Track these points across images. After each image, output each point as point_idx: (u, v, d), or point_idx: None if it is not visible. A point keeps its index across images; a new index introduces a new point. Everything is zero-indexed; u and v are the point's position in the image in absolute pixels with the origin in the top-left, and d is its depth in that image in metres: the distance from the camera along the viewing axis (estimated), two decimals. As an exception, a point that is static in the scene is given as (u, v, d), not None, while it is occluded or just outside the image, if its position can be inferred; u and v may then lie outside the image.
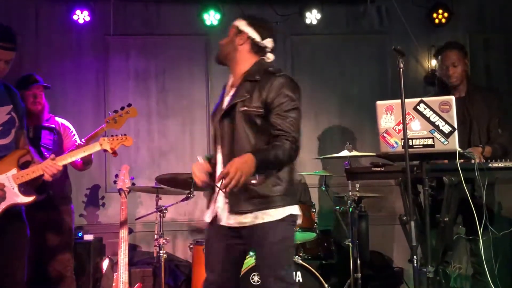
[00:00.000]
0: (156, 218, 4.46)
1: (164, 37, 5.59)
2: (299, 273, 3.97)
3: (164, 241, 4.36)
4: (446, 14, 5.62)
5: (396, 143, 3.19)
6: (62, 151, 4.04)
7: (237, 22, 2.88)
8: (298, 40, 5.75)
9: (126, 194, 4.37)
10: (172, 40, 5.60)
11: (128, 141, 3.49)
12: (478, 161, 3.23)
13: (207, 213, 2.82)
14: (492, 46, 5.88)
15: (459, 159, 3.13)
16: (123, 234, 4.21)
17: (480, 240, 3.25)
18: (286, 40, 5.64)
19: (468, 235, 3.74)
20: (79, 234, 4.72)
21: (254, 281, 3.91)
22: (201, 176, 2.75)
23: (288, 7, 5.55)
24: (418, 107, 3.15)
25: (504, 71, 5.85)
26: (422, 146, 3.14)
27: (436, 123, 3.10)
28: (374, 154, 3.79)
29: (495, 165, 3.24)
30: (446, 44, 4.14)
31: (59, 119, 4.32)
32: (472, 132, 3.86)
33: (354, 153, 4.53)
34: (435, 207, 3.42)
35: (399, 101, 2.98)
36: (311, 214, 4.37)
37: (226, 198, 2.66)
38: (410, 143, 3.11)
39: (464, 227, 3.86)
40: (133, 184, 4.49)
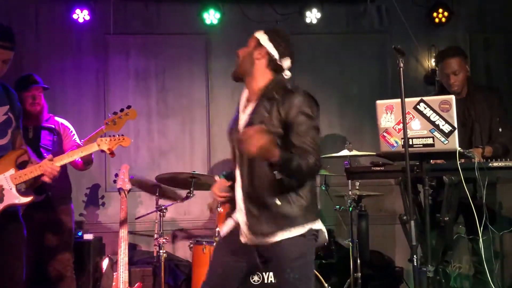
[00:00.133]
0: (156, 218, 4.46)
1: (164, 36, 5.58)
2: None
3: (164, 240, 4.35)
4: (446, 14, 5.62)
5: (396, 142, 3.19)
6: (62, 151, 4.04)
7: (258, 34, 2.82)
8: (298, 39, 5.70)
9: (126, 193, 4.36)
10: (172, 39, 5.60)
11: (126, 141, 3.49)
12: (478, 160, 3.23)
13: (223, 226, 2.80)
14: (492, 45, 5.87)
15: (459, 158, 3.13)
16: (123, 233, 4.21)
17: (480, 240, 3.24)
18: (286, 40, 5.63)
19: (468, 234, 3.74)
20: (79, 234, 4.72)
21: (254, 280, 3.91)
22: (221, 194, 2.78)
23: (288, 6, 5.55)
24: (418, 106, 3.15)
25: (504, 71, 5.85)
26: (422, 146, 3.14)
27: (436, 123, 3.10)
28: (374, 154, 3.79)
29: (495, 164, 3.24)
30: (446, 50, 4.10)
31: (58, 119, 4.32)
32: (474, 132, 3.86)
33: (354, 152, 4.53)
34: (435, 206, 3.42)
35: (399, 100, 2.97)
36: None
37: (245, 216, 2.63)
38: (410, 143, 3.11)
39: (465, 227, 3.87)
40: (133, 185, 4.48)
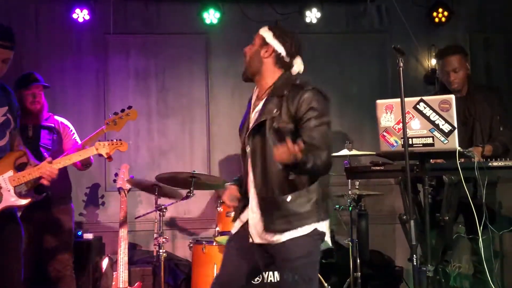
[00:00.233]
0: (156, 217, 4.46)
1: (164, 36, 5.58)
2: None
3: (163, 240, 4.35)
4: (446, 13, 5.62)
5: (396, 142, 3.19)
6: (62, 150, 4.04)
7: (263, 32, 2.78)
8: (298, 39, 5.74)
9: (126, 193, 4.36)
10: (172, 39, 5.60)
11: (124, 146, 3.50)
12: (478, 160, 3.23)
13: (234, 225, 2.82)
14: (492, 45, 5.87)
15: (459, 158, 3.13)
16: (123, 233, 4.21)
17: (480, 239, 3.24)
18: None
19: (468, 234, 3.74)
20: (78, 233, 4.72)
21: (254, 280, 3.91)
22: (232, 204, 2.80)
23: (288, 6, 5.55)
24: (418, 106, 3.15)
25: (504, 71, 5.85)
26: (422, 145, 3.14)
27: (436, 122, 3.10)
28: (374, 153, 3.79)
29: (495, 164, 3.24)
30: (446, 48, 4.11)
31: (58, 118, 4.31)
32: (474, 131, 3.86)
33: (354, 152, 4.53)
34: (435, 206, 3.42)
35: (399, 100, 2.97)
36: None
37: (259, 214, 2.65)
38: (410, 142, 3.11)
39: (465, 226, 3.87)
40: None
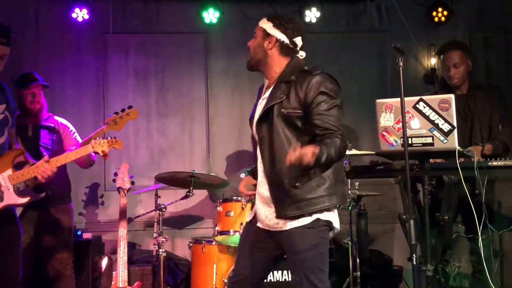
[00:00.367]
0: (155, 217, 4.46)
1: (163, 35, 5.58)
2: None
3: (163, 239, 4.35)
4: (445, 13, 5.61)
5: (396, 141, 3.19)
6: (62, 150, 4.03)
7: (263, 23, 2.78)
8: (297, 38, 5.73)
9: (125, 192, 4.36)
10: (171, 38, 5.59)
11: (119, 144, 3.51)
12: (478, 159, 3.23)
13: (251, 213, 2.85)
14: (492, 44, 5.86)
15: (458, 157, 3.12)
16: (122, 232, 4.20)
17: (480, 239, 3.24)
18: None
19: (467, 233, 3.74)
20: (78, 233, 4.71)
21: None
22: (248, 193, 2.82)
23: (288, 6, 5.54)
24: (417, 105, 3.15)
25: (504, 70, 5.84)
26: (421, 145, 3.14)
27: (436, 122, 3.10)
28: (374, 153, 3.79)
29: (495, 163, 3.24)
30: (448, 43, 4.12)
31: (58, 118, 4.31)
32: (473, 129, 3.87)
33: (354, 151, 4.52)
34: (435, 205, 3.42)
35: (398, 99, 2.97)
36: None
37: (272, 203, 2.65)
38: (410, 142, 3.11)
39: (464, 226, 3.86)
40: (132, 182, 4.48)
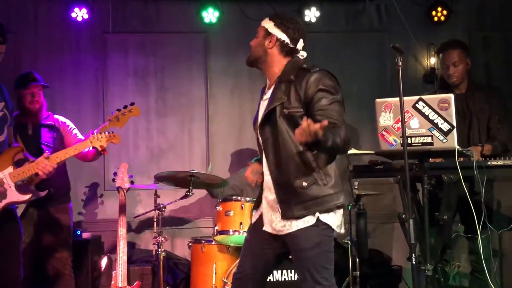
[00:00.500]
0: (155, 216, 4.46)
1: (163, 35, 5.57)
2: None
3: (162, 239, 4.35)
4: (445, 12, 5.61)
5: (395, 141, 3.19)
6: (64, 148, 4.03)
7: (265, 23, 2.81)
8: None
9: (125, 192, 4.36)
10: (171, 38, 5.59)
11: (116, 138, 3.52)
12: (477, 159, 3.23)
13: (255, 214, 2.86)
14: (492, 44, 5.86)
15: (458, 157, 3.13)
16: (122, 232, 4.21)
17: (479, 238, 3.25)
18: (285, 38, 5.62)
19: (467, 233, 3.74)
20: (77, 232, 4.71)
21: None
22: (255, 178, 2.84)
23: (287, 5, 5.54)
24: (417, 105, 3.15)
25: (504, 70, 5.84)
26: (421, 144, 3.14)
27: (435, 121, 3.10)
28: (373, 152, 3.79)
29: (494, 163, 3.25)
30: (447, 42, 4.13)
31: (57, 117, 4.33)
32: (472, 128, 3.87)
33: (353, 151, 4.51)
34: (434, 205, 3.42)
35: (398, 99, 2.97)
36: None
37: (278, 205, 2.66)
38: (409, 141, 3.11)
39: (463, 225, 3.87)
40: (131, 182, 4.48)
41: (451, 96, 3.13)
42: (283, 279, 4.13)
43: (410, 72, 5.69)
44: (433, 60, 5.65)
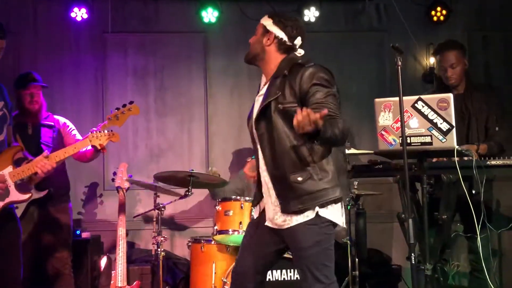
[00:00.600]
0: (154, 216, 4.46)
1: (162, 34, 5.57)
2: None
3: (162, 239, 4.35)
4: (444, 12, 5.61)
5: (394, 140, 3.19)
6: (63, 147, 4.04)
7: (264, 20, 2.83)
8: (296, 37, 5.73)
9: (124, 191, 4.36)
10: (170, 37, 5.59)
11: (116, 137, 3.52)
12: (476, 158, 3.24)
13: (255, 210, 2.90)
14: (491, 44, 5.87)
15: (457, 156, 3.13)
16: (121, 231, 4.21)
17: (478, 238, 3.25)
18: (285, 38, 5.62)
19: (466, 232, 3.75)
20: (77, 232, 4.71)
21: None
22: (253, 174, 2.86)
23: (287, 5, 5.54)
24: (416, 104, 3.15)
25: (503, 69, 5.84)
26: (420, 144, 3.14)
27: (434, 121, 3.10)
28: (372, 152, 3.79)
29: (493, 162, 3.25)
30: (444, 43, 4.12)
31: (57, 117, 4.34)
32: (470, 128, 3.88)
33: (352, 150, 4.52)
34: (433, 204, 3.42)
35: (397, 98, 2.97)
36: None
37: (275, 197, 2.68)
38: (408, 141, 3.11)
39: (463, 225, 3.87)
40: (131, 182, 4.48)
41: (450, 95, 3.13)
42: (282, 279, 4.13)
43: (409, 72, 5.69)
44: (432, 60, 5.65)
